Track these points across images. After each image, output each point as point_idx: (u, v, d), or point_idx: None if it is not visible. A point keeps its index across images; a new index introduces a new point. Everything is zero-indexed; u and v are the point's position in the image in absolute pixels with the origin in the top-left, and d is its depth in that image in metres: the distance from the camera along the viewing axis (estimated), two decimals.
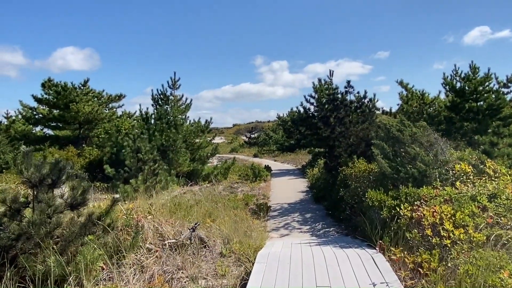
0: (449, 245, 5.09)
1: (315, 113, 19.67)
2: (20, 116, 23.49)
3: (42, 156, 15.53)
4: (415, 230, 5.73)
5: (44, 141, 21.11)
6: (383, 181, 8.03)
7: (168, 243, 6.10)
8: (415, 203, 6.46)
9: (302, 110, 20.42)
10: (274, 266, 5.43)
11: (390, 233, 6.23)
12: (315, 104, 19.88)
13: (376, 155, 7.61)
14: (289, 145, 27.15)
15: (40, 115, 22.04)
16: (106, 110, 23.17)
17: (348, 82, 11.27)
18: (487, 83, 16.31)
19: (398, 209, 6.35)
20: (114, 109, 23.50)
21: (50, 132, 23.66)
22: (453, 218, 5.56)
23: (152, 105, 17.73)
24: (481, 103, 16.35)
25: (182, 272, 5.46)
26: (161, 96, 17.61)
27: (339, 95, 12.33)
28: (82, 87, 21.36)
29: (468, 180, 7.19)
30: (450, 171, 7.55)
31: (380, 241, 6.00)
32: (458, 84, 16.94)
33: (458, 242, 5.11)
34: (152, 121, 16.87)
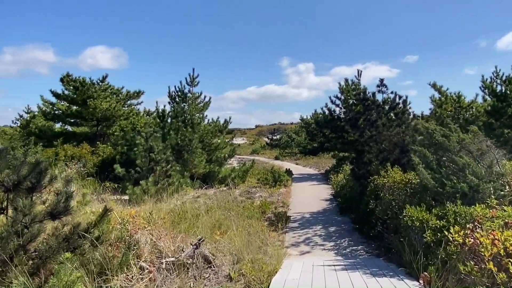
0: None
1: (341, 115, 18.48)
2: (40, 112, 23.30)
3: (54, 152, 15.02)
4: (471, 262, 4.55)
5: (61, 137, 20.74)
6: (423, 194, 6.83)
7: (166, 261, 5.15)
8: (467, 225, 5.26)
9: (327, 111, 19.29)
10: None
11: (436, 262, 5.08)
12: (341, 105, 18.69)
13: (417, 164, 6.42)
14: (312, 148, 25.97)
15: (59, 111, 21.77)
16: (125, 107, 22.67)
17: (381, 80, 10.05)
18: None
19: (446, 233, 5.17)
20: (133, 106, 22.97)
21: (69, 128, 23.39)
22: None
23: (169, 102, 16.98)
24: None
25: None
26: (179, 93, 16.81)
27: (369, 95, 11.11)
28: (100, 83, 20.88)
29: None
30: (507, 186, 6.28)
31: (425, 273, 4.85)
32: (499, 88, 15.46)
33: None
34: (169, 120, 16.12)
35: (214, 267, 5.44)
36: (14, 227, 4.38)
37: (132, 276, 4.77)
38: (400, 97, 9.95)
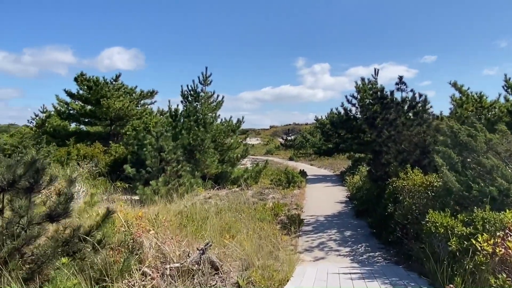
0: None
1: (357, 115, 18.00)
2: (55, 112, 23.42)
3: (66, 152, 14.98)
4: (503, 274, 4.12)
5: (76, 137, 20.78)
6: (446, 198, 6.38)
7: (170, 267, 4.85)
8: (497, 233, 4.80)
9: (342, 111, 18.85)
10: None
11: (462, 273, 4.65)
12: (357, 105, 18.21)
13: (440, 165, 5.97)
14: (327, 149, 25.49)
15: (74, 111, 21.86)
16: (139, 107, 22.62)
17: (400, 78, 9.53)
18: None
19: (474, 241, 4.73)
20: (146, 106, 22.91)
21: (84, 128, 23.47)
22: None
23: (182, 101, 16.77)
24: None
25: None
26: (191, 92, 16.58)
27: (387, 94, 10.67)
28: (113, 82, 20.87)
29: None
30: None
31: (451, 285, 4.42)
32: None
33: None
34: (182, 119, 15.91)
35: (221, 273, 5.12)
36: (9, 229, 4.15)
37: (134, 283, 4.48)
38: (420, 95, 9.46)
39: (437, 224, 5.31)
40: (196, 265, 4.94)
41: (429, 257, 5.30)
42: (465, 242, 4.96)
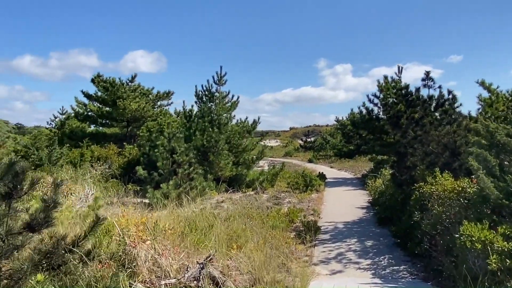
0: None
1: (380, 115, 17.13)
2: (74, 113, 23.50)
3: (79, 153, 14.79)
4: None
5: (93, 138, 20.72)
6: (482, 207, 5.60)
7: (165, 283, 4.33)
8: None
9: (364, 111, 17.96)
10: None
11: None
12: (379, 104, 17.31)
13: (476, 169, 5.23)
14: (348, 150, 24.63)
15: (91, 112, 21.86)
16: (155, 108, 22.40)
17: (427, 73, 8.73)
18: None
19: None
20: (163, 107, 22.68)
21: (101, 129, 23.45)
22: None
23: (196, 102, 16.35)
24: None
25: None
26: (206, 92, 16.14)
27: (412, 91, 9.91)
28: (129, 83, 20.70)
29: None
30: None
31: None
32: None
33: None
34: (196, 120, 15.48)
35: None
36: None
37: None
38: (449, 92, 8.65)
39: (473, 239, 4.58)
40: (195, 281, 4.39)
41: (463, 275, 4.59)
42: (508, 260, 4.23)
